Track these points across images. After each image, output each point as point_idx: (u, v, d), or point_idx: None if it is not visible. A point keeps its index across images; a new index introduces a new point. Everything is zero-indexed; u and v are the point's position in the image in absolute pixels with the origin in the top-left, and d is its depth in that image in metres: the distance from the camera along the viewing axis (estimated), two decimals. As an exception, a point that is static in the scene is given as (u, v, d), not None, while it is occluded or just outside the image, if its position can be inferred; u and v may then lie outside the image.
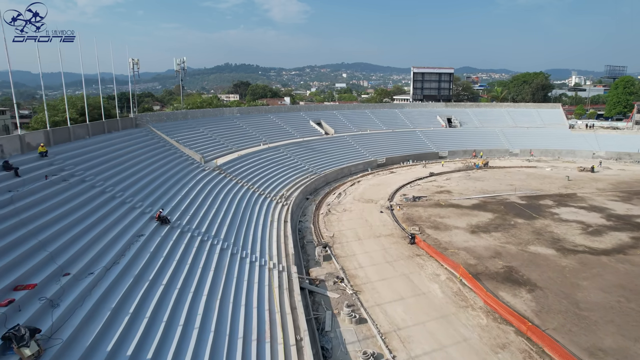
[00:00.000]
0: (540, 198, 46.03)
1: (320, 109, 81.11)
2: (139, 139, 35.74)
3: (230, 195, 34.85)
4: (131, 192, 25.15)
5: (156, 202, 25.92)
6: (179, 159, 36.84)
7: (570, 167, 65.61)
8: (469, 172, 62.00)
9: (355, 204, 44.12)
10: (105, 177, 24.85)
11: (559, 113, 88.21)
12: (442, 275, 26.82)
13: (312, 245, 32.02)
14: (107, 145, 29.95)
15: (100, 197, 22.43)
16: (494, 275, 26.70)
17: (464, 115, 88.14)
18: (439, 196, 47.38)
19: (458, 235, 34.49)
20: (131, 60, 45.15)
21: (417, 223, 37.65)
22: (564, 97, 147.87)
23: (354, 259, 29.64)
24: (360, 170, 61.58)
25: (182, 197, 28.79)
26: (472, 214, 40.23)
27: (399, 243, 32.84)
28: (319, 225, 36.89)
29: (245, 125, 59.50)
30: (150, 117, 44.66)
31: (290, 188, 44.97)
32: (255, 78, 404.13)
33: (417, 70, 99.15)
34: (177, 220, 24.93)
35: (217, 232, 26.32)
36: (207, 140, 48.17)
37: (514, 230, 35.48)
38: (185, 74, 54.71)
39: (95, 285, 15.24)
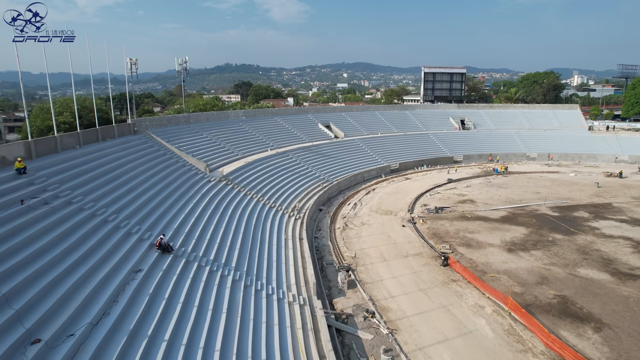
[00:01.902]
0: (573, 209, 42.36)
1: (329, 111, 77.44)
2: (138, 148, 32.06)
3: (239, 210, 31.22)
4: (127, 213, 21.50)
5: (156, 225, 22.28)
6: (182, 169, 33.19)
7: (595, 172, 61.94)
8: (489, 178, 58.33)
9: (373, 217, 40.46)
10: (97, 197, 21.20)
11: (577, 114, 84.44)
12: (487, 308, 23.16)
13: (333, 269, 28.38)
14: (101, 157, 26.25)
15: (89, 222, 18.78)
16: (546, 307, 23.04)
17: (477, 116, 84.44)
18: (463, 207, 43.72)
19: (494, 254, 30.84)
20: (129, 60, 41.50)
21: (445, 239, 34.00)
22: (575, 97, 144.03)
23: (382, 286, 25.97)
24: (374, 176, 57.93)
25: (185, 216, 25.12)
26: (504, 229, 36.58)
27: (430, 265, 29.19)
28: (337, 243, 33.23)
29: (251, 128, 55.84)
30: (150, 122, 41.00)
31: (302, 198, 41.35)
32: (255, 78, 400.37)
33: (428, 70, 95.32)
34: (181, 247, 21.28)
35: (227, 259, 22.67)
36: (212, 147, 44.51)
37: (555, 248, 31.82)
38: (188, 74, 51.11)
39: (77, 354, 11.60)
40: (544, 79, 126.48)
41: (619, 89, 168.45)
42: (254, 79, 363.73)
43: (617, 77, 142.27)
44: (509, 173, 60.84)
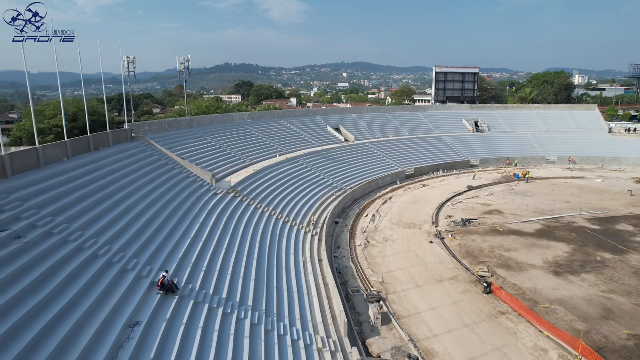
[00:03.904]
0: (614, 221, 38.70)
1: (337, 113, 73.68)
2: (136, 158, 28.28)
3: (251, 228, 27.54)
4: (122, 243, 17.76)
5: (157, 256, 18.53)
6: (186, 182, 29.45)
7: (623, 177, 58.28)
8: (511, 184, 54.64)
9: (395, 230, 36.76)
10: (85, 224, 17.47)
11: (596, 115, 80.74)
12: (551, 352, 19.48)
13: (360, 297, 24.68)
14: (92, 171, 22.47)
15: (74, 259, 15.06)
16: (623, 352, 19.37)
17: (491, 118, 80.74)
18: (491, 218, 40.05)
19: (540, 278, 27.17)
20: (126, 59, 37.69)
21: (480, 259, 30.34)
22: (587, 97, 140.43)
23: (420, 321, 22.28)
24: (389, 183, 54.23)
25: (192, 242, 21.40)
26: (542, 245, 32.94)
27: (470, 292, 25.51)
28: (360, 264, 29.53)
29: (258, 132, 52.09)
30: (149, 127, 37.25)
31: (316, 210, 37.67)
32: (255, 78, 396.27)
33: (440, 70, 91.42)
34: (187, 283, 17.57)
35: (242, 295, 18.97)
36: (217, 154, 40.75)
37: (608, 270, 28.16)
38: (190, 74, 47.37)
39: None
40: (554, 79, 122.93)
41: (628, 88, 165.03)
42: (254, 78, 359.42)
43: (629, 76, 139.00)
44: (532, 179, 57.11)
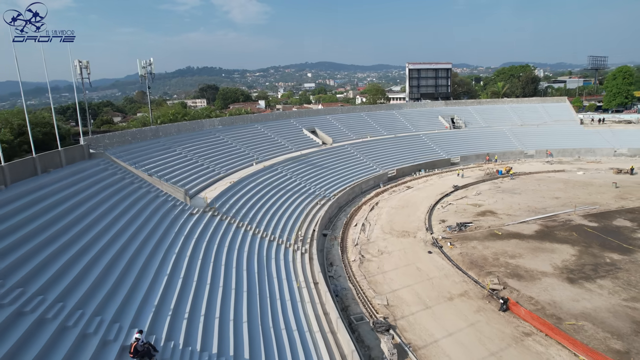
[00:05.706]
0: (609, 216, 37.56)
1: (311, 115, 70.55)
2: (94, 180, 23.94)
3: (234, 252, 23.95)
4: (80, 297, 13.86)
5: (126, 309, 14.72)
6: (155, 203, 25.42)
7: (601, 168, 58.32)
8: (496, 182, 53.27)
9: (389, 241, 34.03)
10: (27, 276, 13.46)
11: (567, 107, 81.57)
12: (594, 380, 17.13)
13: (366, 326, 21.60)
14: (37, 201, 18.21)
15: (13, 327, 11.17)
16: (670, 374, 17.28)
17: (466, 113, 79.95)
18: (486, 220, 38.07)
19: (555, 288, 25.07)
20: (78, 63, 32.94)
21: (486, 269, 28.02)
22: (551, 89, 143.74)
23: (440, 352, 19.48)
24: (372, 186, 51.63)
25: (168, 282, 17.64)
26: (546, 248, 31.09)
27: (485, 310, 23.02)
28: (359, 285, 26.49)
29: (230, 139, 48.17)
30: (109, 140, 32.74)
31: (302, 222, 34.41)
32: (219, 81, 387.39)
33: (413, 66, 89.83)
34: (168, 340, 13.93)
35: (236, 346, 15.46)
36: (188, 166, 36.66)
37: (622, 274, 26.46)
38: (153, 78, 42.83)
39: None
40: (520, 72, 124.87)
41: (586, 79, 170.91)
42: (217, 81, 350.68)
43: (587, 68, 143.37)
44: (516, 175, 56.00)
